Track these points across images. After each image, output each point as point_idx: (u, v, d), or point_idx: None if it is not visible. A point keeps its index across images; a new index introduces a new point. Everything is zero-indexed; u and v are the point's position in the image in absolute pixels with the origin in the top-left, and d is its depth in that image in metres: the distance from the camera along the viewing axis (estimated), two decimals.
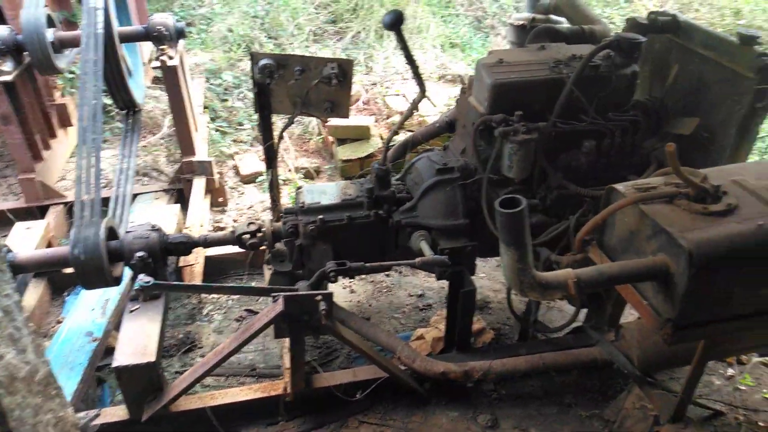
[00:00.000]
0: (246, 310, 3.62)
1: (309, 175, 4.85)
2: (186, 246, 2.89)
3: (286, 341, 2.69)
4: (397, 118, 5.03)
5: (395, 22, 2.33)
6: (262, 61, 2.75)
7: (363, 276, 3.94)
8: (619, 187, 2.04)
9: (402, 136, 4.03)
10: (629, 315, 3.37)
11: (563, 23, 3.43)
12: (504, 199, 1.76)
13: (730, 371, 3.20)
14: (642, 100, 2.93)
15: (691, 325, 1.87)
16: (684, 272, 1.74)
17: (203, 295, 3.74)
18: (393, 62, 6.16)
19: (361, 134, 4.87)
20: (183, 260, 3.51)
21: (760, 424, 2.89)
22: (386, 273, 3.98)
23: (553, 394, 3.06)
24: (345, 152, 4.79)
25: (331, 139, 5.01)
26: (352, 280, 3.90)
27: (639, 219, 1.94)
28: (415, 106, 2.73)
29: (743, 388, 3.09)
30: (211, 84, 5.86)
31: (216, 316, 3.62)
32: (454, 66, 6.25)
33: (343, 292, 3.82)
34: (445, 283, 3.00)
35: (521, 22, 3.63)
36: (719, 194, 1.87)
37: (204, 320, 3.61)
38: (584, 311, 3.27)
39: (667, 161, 1.79)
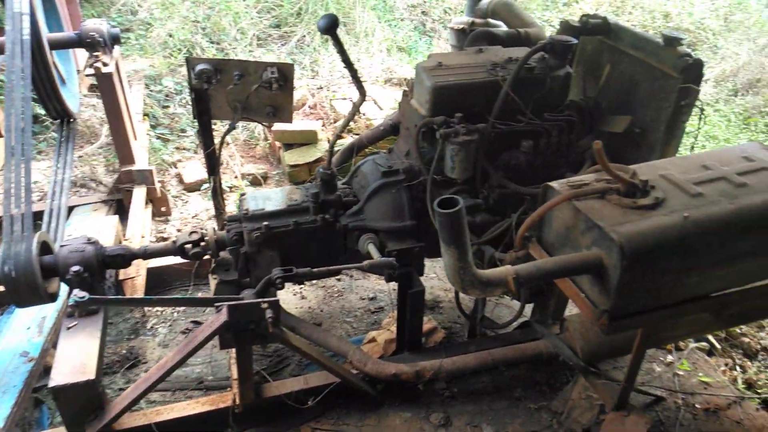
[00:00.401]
0: (192, 321, 3.52)
1: (256, 181, 4.77)
2: (124, 258, 2.80)
3: (234, 351, 2.64)
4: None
5: (330, 27, 2.33)
6: (199, 66, 2.69)
7: (314, 281, 3.92)
8: (554, 184, 2.10)
9: (349, 140, 4.03)
10: (573, 308, 3.47)
11: (501, 27, 3.51)
12: (442, 200, 1.78)
13: (670, 358, 3.34)
14: (576, 100, 3.04)
15: (626, 315, 1.95)
16: (616, 264, 1.80)
17: (147, 309, 3.62)
18: (339, 66, 6.15)
19: (308, 139, 4.84)
20: (123, 273, 3.38)
21: (697, 406, 3.04)
22: (337, 278, 3.97)
23: (503, 389, 3.12)
24: (292, 157, 4.74)
25: (278, 144, 4.95)
26: (302, 286, 3.86)
27: (573, 215, 2.00)
28: (356, 109, 2.73)
29: (681, 373, 3.24)
30: (151, 90, 5.69)
31: (161, 330, 3.51)
32: (400, 69, 6.30)
33: (293, 298, 3.78)
34: (396, 285, 3.03)
35: (461, 26, 3.70)
36: (647, 189, 1.96)
37: (148, 334, 3.50)
38: (533, 306, 3.37)
39: (596, 159, 1.86)
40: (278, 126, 4.70)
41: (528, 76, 2.72)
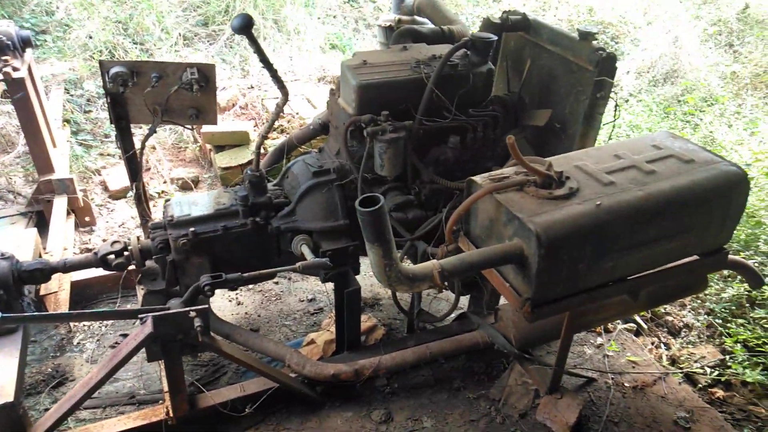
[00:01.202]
0: (122, 335, 3.38)
1: (186, 185, 4.63)
2: (43, 273, 2.66)
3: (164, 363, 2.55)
4: (278, 122, 4.95)
5: (244, 26, 2.28)
6: (114, 69, 2.57)
7: (250, 286, 3.84)
8: (477, 178, 2.14)
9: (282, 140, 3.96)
10: None
11: (427, 24, 3.55)
12: (365, 198, 1.78)
13: (600, 340, 3.48)
14: (501, 95, 3.11)
15: (548, 302, 2.01)
16: (535, 253, 1.86)
17: (73, 324, 3.45)
18: None
19: (240, 140, 4.74)
20: (45, 288, 3.21)
21: (626, 384, 3.18)
22: (275, 281, 3.91)
23: (443, 381, 3.16)
24: (224, 159, 4.63)
25: (208, 146, 4.82)
26: (238, 291, 3.78)
27: (495, 207, 2.05)
28: (279, 110, 2.69)
29: (611, 354, 3.38)
30: (71, 95, 5.41)
31: (88, 345, 3.35)
32: (334, 67, 6.26)
33: (229, 305, 3.69)
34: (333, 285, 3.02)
35: (388, 24, 3.72)
36: (563, 179, 2.02)
37: (75, 351, 3.33)
38: (470, 298, 3.43)
39: (511, 153, 1.90)
40: (208, 128, 4.57)
41: (451, 73, 2.76)
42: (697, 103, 6.36)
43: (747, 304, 3.73)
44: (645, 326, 3.69)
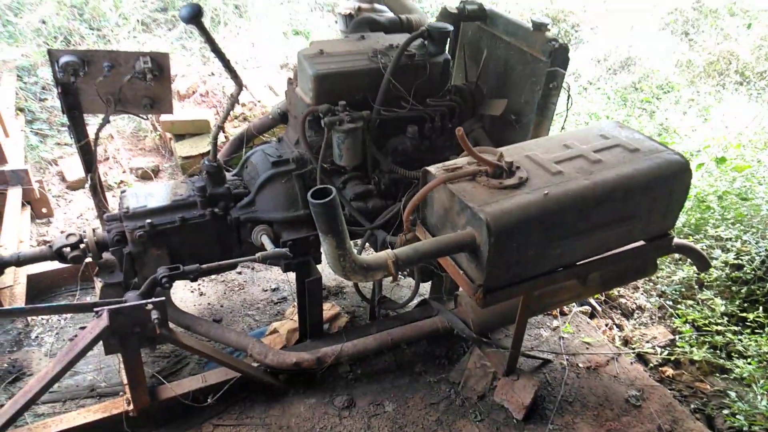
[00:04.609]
0: (81, 328, 3.34)
1: (146, 175, 4.56)
2: None
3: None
4: (239, 110, 4.90)
5: (193, 16, 2.25)
6: (63, 59, 2.51)
7: (213, 276, 3.83)
8: (432, 169, 2.18)
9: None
10: None
11: (387, 12, 3.55)
12: (316, 190, 1.80)
13: (555, 323, 3.60)
14: (458, 85, 3.15)
15: (499, 288, 2.07)
16: (486, 241, 1.91)
17: (31, 318, 3.39)
18: (230, 51, 5.95)
19: (200, 129, 4.68)
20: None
21: (580, 365, 3.30)
22: (237, 271, 3.90)
23: (405, 366, 3.23)
24: (184, 148, 4.57)
25: (168, 135, 4.75)
26: (200, 282, 3.76)
27: (449, 197, 2.10)
28: (234, 101, 2.67)
29: (566, 336, 3.50)
30: (24, 83, 5.24)
31: (47, 339, 3.30)
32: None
33: (191, 296, 3.67)
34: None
35: (348, 11, 3.69)
36: (513, 169, 2.08)
37: (33, 345, 3.28)
38: (431, 284, 3.49)
39: (461, 144, 1.95)
40: (167, 116, 4.50)
41: (408, 63, 2.78)
42: (653, 90, 6.54)
43: (696, 286, 3.90)
44: (599, 309, 3.82)
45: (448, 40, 2.94)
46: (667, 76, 6.81)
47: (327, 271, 3.69)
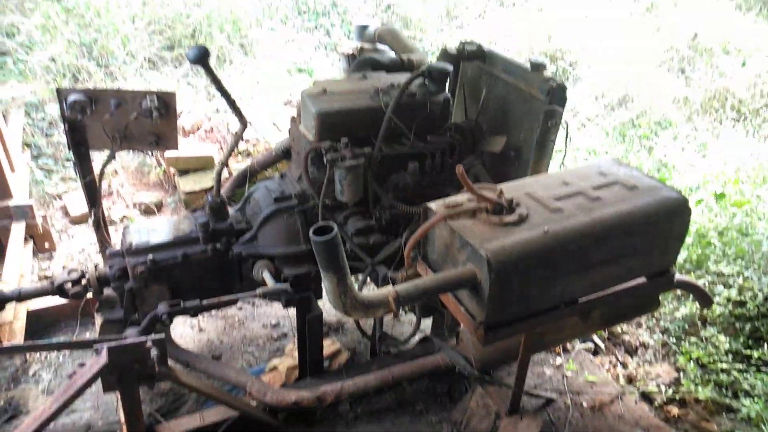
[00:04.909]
0: (80, 364, 3.29)
1: (149, 210, 4.59)
2: None
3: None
4: (243, 146, 4.96)
5: (200, 57, 2.31)
6: (72, 97, 2.57)
7: (213, 312, 3.81)
8: (432, 205, 2.19)
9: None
10: None
11: (388, 52, 3.63)
12: (318, 227, 1.81)
13: (559, 360, 3.56)
14: (459, 122, 3.20)
15: (501, 325, 2.06)
16: (486, 278, 1.92)
17: (29, 354, 3.36)
18: (235, 88, 6.07)
19: (204, 164, 4.73)
20: None
21: (584, 404, 3.25)
22: (238, 306, 3.89)
23: (406, 404, 3.18)
24: (188, 183, 4.61)
25: (172, 170, 4.80)
26: (200, 318, 3.75)
27: (450, 234, 2.11)
28: (238, 138, 2.72)
29: (569, 374, 3.45)
30: (32, 118, 5.33)
31: (44, 376, 3.27)
32: (300, 90, 6.31)
33: (191, 332, 3.65)
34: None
35: (350, 51, 3.79)
36: (513, 206, 2.10)
37: (30, 382, 3.25)
38: (432, 320, 3.47)
39: (461, 182, 1.97)
40: (172, 152, 4.55)
41: (409, 101, 2.83)
42: (651, 126, 6.62)
43: (699, 323, 3.86)
44: (603, 345, 3.78)
45: (448, 79, 3.00)
46: (664, 113, 6.90)
47: (327, 307, 3.67)
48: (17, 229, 3.92)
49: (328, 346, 3.40)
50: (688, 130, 6.60)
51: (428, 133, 2.97)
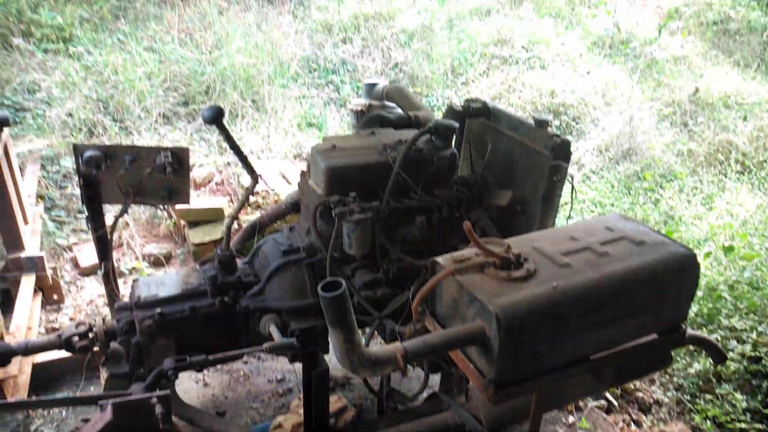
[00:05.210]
0: (83, 420, 3.25)
1: (158, 262, 4.62)
2: (2, 357, 2.59)
3: None
4: (253, 198, 5.03)
5: (215, 117, 2.39)
6: (87, 153, 2.65)
7: (218, 366, 3.77)
8: (440, 259, 2.20)
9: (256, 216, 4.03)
10: None
11: (396, 109, 3.74)
12: (327, 282, 1.82)
13: (571, 419, 3.47)
14: (465, 176, 3.25)
15: (511, 383, 2.03)
16: (495, 334, 1.90)
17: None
18: (246, 142, 6.22)
19: (214, 216, 4.79)
20: (3, 372, 3.11)
21: None
22: (243, 360, 3.84)
23: None
24: (197, 235, 4.66)
25: (182, 222, 4.85)
26: (204, 372, 3.70)
27: (458, 289, 2.10)
28: (249, 193, 2.77)
29: None
30: (47, 171, 5.46)
31: None
32: (311, 144, 6.44)
33: (195, 386, 3.60)
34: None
35: (359, 108, 3.90)
36: (521, 261, 2.10)
37: None
38: (440, 376, 3.40)
39: (468, 237, 1.99)
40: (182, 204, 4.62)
41: (417, 157, 2.90)
42: (656, 179, 6.67)
43: (713, 379, 3.77)
44: (616, 403, 3.69)
45: (454, 135, 3.07)
46: (669, 165, 6.97)
47: (333, 361, 3.62)
48: (27, 281, 3.94)
49: (334, 402, 3.33)
50: (693, 183, 6.65)
51: (435, 187, 3.02)
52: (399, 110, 3.69)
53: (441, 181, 3.04)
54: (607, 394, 3.71)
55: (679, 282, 2.24)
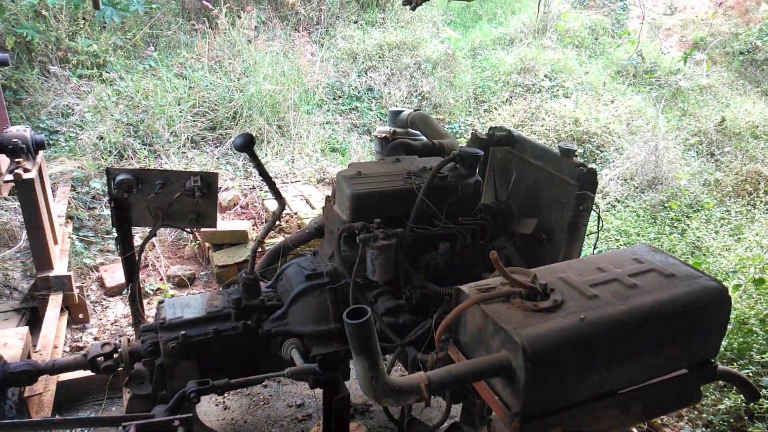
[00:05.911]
0: None
1: (182, 283, 4.67)
2: (29, 375, 2.63)
3: None
4: (277, 223, 5.09)
5: (246, 145, 2.44)
6: (120, 177, 2.72)
7: (238, 389, 3.77)
8: (465, 288, 2.19)
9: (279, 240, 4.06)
10: None
11: (420, 136, 3.77)
12: (352, 309, 1.82)
13: None
14: (489, 204, 3.25)
15: (536, 416, 1.99)
16: (521, 366, 1.87)
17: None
18: (271, 166, 6.31)
19: (238, 239, 4.84)
20: (29, 389, 3.15)
21: None
22: (264, 383, 3.83)
23: None
24: (221, 258, 4.71)
25: (207, 244, 4.92)
26: (225, 395, 3.70)
27: (482, 318, 2.09)
28: (276, 218, 2.81)
29: None
30: (77, 192, 5.60)
31: None
32: (334, 169, 6.53)
33: (215, 409, 3.60)
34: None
35: (384, 135, 3.94)
36: (547, 292, 2.08)
37: None
38: (462, 407, 3.35)
39: (495, 267, 1.98)
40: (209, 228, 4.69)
41: (441, 184, 2.91)
42: (682, 208, 6.57)
43: (746, 417, 3.64)
44: None
45: (479, 162, 3.08)
46: (696, 195, 6.87)
47: (354, 387, 3.60)
48: (54, 300, 4.02)
49: (354, 429, 3.30)
50: (720, 213, 6.52)
51: (459, 214, 3.02)
52: (423, 138, 3.73)
53: (465, 209, 3.04)
54: (634, 430, 3.59)
55: (710, 316, 2.19)
